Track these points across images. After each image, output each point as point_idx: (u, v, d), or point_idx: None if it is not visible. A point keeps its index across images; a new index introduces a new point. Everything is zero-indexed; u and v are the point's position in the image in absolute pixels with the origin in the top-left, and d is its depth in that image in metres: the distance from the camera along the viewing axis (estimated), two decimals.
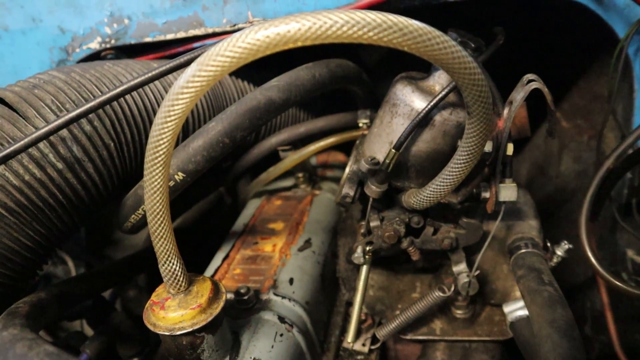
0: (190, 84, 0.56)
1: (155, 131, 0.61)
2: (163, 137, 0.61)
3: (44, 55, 1.16)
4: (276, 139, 1.22)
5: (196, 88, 0.56)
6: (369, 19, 0.50)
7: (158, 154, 0.63)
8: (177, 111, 0.59)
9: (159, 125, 0.61)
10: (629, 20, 0.91)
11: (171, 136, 0.62)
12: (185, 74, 0.56)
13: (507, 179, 0.85)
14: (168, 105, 0.59)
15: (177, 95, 0.57)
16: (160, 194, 0.67)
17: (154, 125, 0.61)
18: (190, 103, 0.58)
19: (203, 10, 1.04)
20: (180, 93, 0.57)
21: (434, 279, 1.15)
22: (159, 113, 0.60)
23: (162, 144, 0.62)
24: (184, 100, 0.58)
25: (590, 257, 0.84)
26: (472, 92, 0.60)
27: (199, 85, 0.56)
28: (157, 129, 0.61)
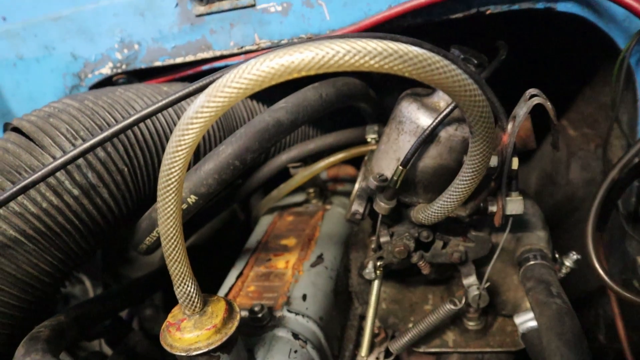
0: (199, 114, 0.58)
1: (167, 160, 0.64)
2: (175, 165, 0.63)
3: (58, 81, 1.20)
4: (286, 156, 1.24)
5: (205, 118, 0.58)
6: (370, 47, 0.52)
7: (170, 181, 0.65)
8: (188, 140, 0.61)
9: (171, 154, 0.63)
10: (629, 32, 0.92)
11: (182, 164, 0.64)
12: (194, 104, 0.59)
13: (513, 192, 0.86)
14: (178, 135, 0.61)
15: (186, 126, 0.59)
16: (174, 219, 0.69)
17: (166, 154, 0.63)
18: (200, 132, 0.60)
19: (211, 33, 1.06)
20: (190, 123, 0.59)
21: (446, 290, 1.16)
22: (170, 142, 0.62)
23: (174, 172, 0.64)
24: (193, 130, 0.60)
25: (598, 268, 0.84)
26: (473, 113, 0.61)
27: (207, 115, 0.58)
28: (168, 157, 0.63)
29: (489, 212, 0.90)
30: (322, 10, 0.99)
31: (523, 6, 0.95)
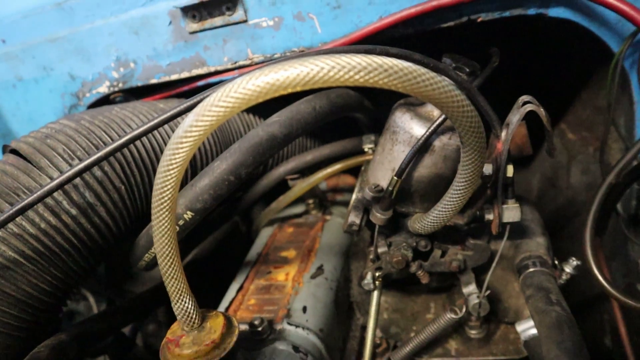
0: (189, 133, 0.59)
1: (159, 179, 0.64)
2: (167, 184, 0.64)
3: (57, 101, 1.21)
4: (284, 169, 1.24)
5: (194, 137, 0.59)
6: (354, 62, 0.52)
7: (163, 199, 0.66)
8: (179, 160, 0.62)
9: (162, 173, 0.63)
10: (621, 35, 0.92)
11: (174, 182, 0.64)
12: (183, 124, 0.59)
13: (509, 199, 0.86)
14: (169, 154, 0.61)
15: (176, 145, 0.60)
16: (169, 236, 0.69)
17: (158, 174, 0.64)
18: (190, 151, 0.61)
19: (204, 50, 1.07)
20: (180, 143, 0.60)
21: (447, 298, 1.15)
22: (161, 162, 0.63)
23: (167, 190, 0.64)
24: (183, 149, 0.60)
25: (596, 274, 0.84)
26: (463, 124, 0.61)
27: (196, 134, 0.58)
28: (160, 177, 0.64)
29: (485, 220, 0.89)
30: (313, 24, 1.00)
31: (514, 13, 0.95)
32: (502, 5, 0.94)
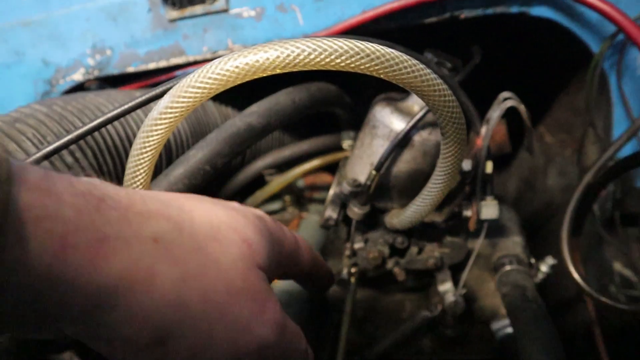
0: (164, 115, 0.57)
1: (132, 162, 0.62)
2: (139, 168, 0.62)
3: (29, 87, 1.17)
4: (262, 163, 1.22)
5: (170, 119, 0.57)
6: (336, 46, 0.51)
7: (135, 184, 0.64)
8: (153, 142, 0.60)
9: (135, 157, 0.61)
10: (602, 36, 0.93)
11: (148, 166, 0.62)
12: (158, 105, 0.57)
13: (488, 196, 0.86)
14: (143, 136, 0.59)
15: (151, 127, 0.58)
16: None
17: (130, 157, 0.62)
18: (165, 134, 0.59)
19: (184, 39, 1.05)
20: (155, 125, 0.58)
21: (423, 297, 1.15)
22: (134, 145, 0.61)
23: (139, 174, 0.63)
24: (158, 132, 0.58)
25: (573, 273, 0.84)
26: (443, 114, 0.61)
27: (172, 116, 0.57)
28: (133, 160, 0.62)
29: (463, 217, 0.89)
30: (295, 15, 0.99)
31: (497, 10, 0.95)
32: (485, 2, 0.94)
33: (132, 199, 0.42)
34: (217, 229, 0.47)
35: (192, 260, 0.43)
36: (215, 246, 0.46)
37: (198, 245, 0.44)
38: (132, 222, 0.40)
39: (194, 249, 0.44)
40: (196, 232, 0.45)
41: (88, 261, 0.36)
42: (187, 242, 0.44)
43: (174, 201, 0.47)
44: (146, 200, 0.44)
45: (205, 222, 0.47)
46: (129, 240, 0.39)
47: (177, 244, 0.43)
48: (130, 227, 0.40)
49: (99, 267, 0.36)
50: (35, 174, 0.35)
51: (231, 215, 0.50)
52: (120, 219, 0.39)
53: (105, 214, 0.38)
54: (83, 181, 0.39)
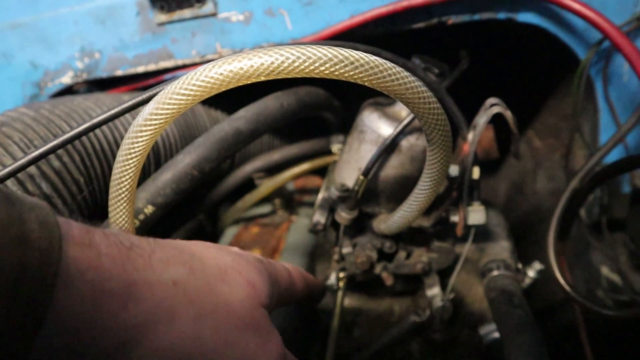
0: (149, 121, 0.57)
1: (118, 168, 0.62)
2: (125, 174, 0.62)
3: (17, 90, 1.17)
4: (251, 167, 1.22)
5: (155, 126, 0.57)
6: (320, 54, 0.51)
7: (121, 190, 0.63)
8: (138, 148, 0.59)
9: (121, 162, 0.61)
10: (588, 43, 0.93)
11: (134, 172, 0.62)
12: (143, 112, 0.57)
13: (475, 202, 0.86)
14: (128, 142, 0.59)
15: (136, 133, 0.58)
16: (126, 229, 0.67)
17: (116, 162, 0.62)
18: (151, 140, 0.59)
19: (172, 42, 1.05)
20: (140, 131, 0.58)
21: (412, 301, 1.15)
22: (120, 150, 0.60)
23: (125, 180, 0.62)
24: (143, 138, 0.58)
25: (558, 277, 0.84)
26: (429, 121, 0.61)
27: (157, 123, 0.57)
28: (119, 166, 0.61)
29: (451, 222, 0.89)
30: (283, 20, 0.99)
31: (484, 16, 0.95)
32: (472, 8, 0.95)
33: (152, 247, 0.49)
34: (225, 272, 0.53)
35: (206, 300, 0.49)
36: (225, 288, 0.52)
37: (210, 287, 0.50)
38: (155, 268, 0.46)
39: (207, 290, 0.50)
40: (207, 276, 0.51)
41: (120, 305, 0.42)
42: (200, 284, 0.50)
43: (186, 248, 0.54)
44: (164, 248, 0.50)
45: (214, 266, 0.53)
46: (153, 284, 0.45)
47: (193, 286, 0.49)
48: (154, 273, 0.46)
49: (129, 309, 0.42)
50: (78, 230, 0.42)
51: (235, 259, 0.57)
52: (145, 266, 0.46)
53: (134, 262, 0.45)
54: (113, 232, 0.46)
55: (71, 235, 0.41)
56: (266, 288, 0.57)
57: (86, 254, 0.41)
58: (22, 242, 0.36)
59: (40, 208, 0.40)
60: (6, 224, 0.35)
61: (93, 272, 0.41)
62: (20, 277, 0.35)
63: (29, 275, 0.35)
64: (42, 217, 0.38)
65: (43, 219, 0.38)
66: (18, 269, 0.35)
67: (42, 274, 0.36)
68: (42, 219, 0.38)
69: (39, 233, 0.37)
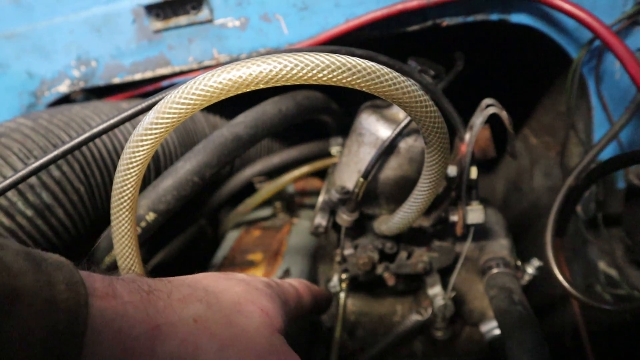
0: (149, 131, 0.57)
1: (119, 177, 0.62)
2: (127, 183, 0.62)
3: (14, 100, 1.17)
4: (251, 171, 1.23)
5: (155, 135, 0.57)
6: (318, 61, 0.52)
7: (123, 199, 0.64)
8: (139, 158, 0.60)
9: (122, 172, 0.62)
10: (580, 42, 0.94)
11: (135, 181, 0.63)
12: (143, 122, 0.58)
13: (473, 201, 0.87)
14: (129, 152, 0.60)
15: (137, 143, 0.58)
16: (129, 237, 0.67)
17: (117, 172, 0.62)
18: (151, 149, 0.59)
19: (169, 49, 1.05)
20: (140, 140, 0.58)
21: (414, 300, 1.16)
22: (121, 160, 0.61)
23: (127, 189, 0.63)
24: (144, 147, 0.59)
25: (557, 274, 0.85)
26: (426, 124, 0.62)
27: (157, 132, 0.57)
28: (120, 176, 0.62)
29: (450, 222, 0.90)
30: (279, 25, 0.99)
31: (478, 18, 0.96)
32: (466, 10, 0.96)
33: (169, 288, 0.52)
34: (239, 303, 0.56)
35: (225, 332, 0.51)
36: (241, 319, 0.54)
37: (227, 320, 0.53)
38: (175, 309, 0.49)
39: (225, 323, 0.52)
40: (224, 309, 0.54)
41: (147, 347, 0.44)
42: (218, 318, 0.52)
43: (198, 283, 0.56)
44: (179, 287, 0.53)
45: (229, 299, 0.55)
46: (176, 324, 0.48)
47: (212, 320, 0.51)
48: (175, 313, 0.49)
49: (157, 352, 0.45)
50: (100, 282, 0.44)
51: (246, 289, 0.59)
52: (166, 308, 0.48)
53: (155, 305, 0.48)
54: (131, 278, 0.49)
55: (95, 288, 0.43)
56: (279, 312, 0.59)
57: (111, 304, 0.43)
58: (51, 306, 0.38)
59: (65, 267, 0.42)
60: (37, 290, 0.38)
61: (120, 320, 0.43)
62: (50, 339, 0.37)
63: (58, 336, 0.37)
64: (68, 277, 0.41)
65: (69, 279, 0.41)
66: (48, 332, 0.37)
67: (71, 333, 0.38)
68: (69, 279, 0.40)
69: (66, 294, 0.39)
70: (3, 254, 0.39)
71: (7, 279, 0.37)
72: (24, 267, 0.39)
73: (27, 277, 0.38)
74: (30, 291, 0.37)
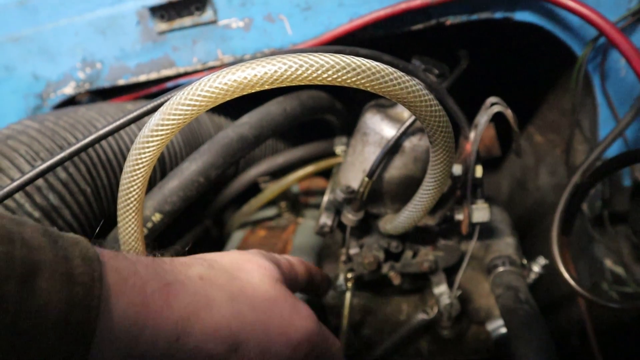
0: (155, 132, 0.58)
1: (125, 179, 0.63)
2: (133, 185, 0.63)
3: (20, 102, 1.18)
4: (256, 171, 1.23)
5: (161, 136, 0.58)
6: (322, 61, 0.52)
7: (130, 200, 0.64)
8: (145, 159, 0.60)
9: (128, 173, 0.62)
10: (584, 40, 0.94)
11: (141, 183, 0.63)
12: (149, 123, 0.58)
13: (478, 200, 0.87)
14: (135, 154, 0.60)
15: (142, 145, 0.59)
16: (135, 238, 0.68)
17: (124, 174, 0.63)
18: (157, 151, 0.60)
19: (173, 50, 1.06)
20: (146, 142, 0.59)
21: (419, 299, 1.16)
22: (127, 162, 0.61)
23: (133, 191, 0.63)
24: (150, 149, 0.59)
25: (563, 272, 0.85)
26: (431, 123, 0.62)
27: (163, 134, 0.57)
28: (126, 177, 0.62)
29: (455, 221, 0.90)
30: (283, 25, 1.00)
31: (482, 16, 0.96)
32: (469, 8, 0.95)
33: (169, 258, 0.56)
34: (237, 262, 0.60)
35: (232, 285, 0.55)
36: (242, 274, 0.58)
37: (231, 276, 0.57)
38: (180, 270, 0.53)
39: (229, 278, 0.56)
40: (225, 268, 0.58)
41: (163, 302, 0.47)
42: (222, 275, 0.56)
43: (193, 257, 0.60)
44: (178, 258, 0.57)
45: (227, 261, 0.59)
46: (184, 281, 0.51)
47: (216, 277, 0.55)
48: (181, 273, 0.52)
49: (172, 305, 0.48)
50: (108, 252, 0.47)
51: (240, 253, 0.63)
52: (173, 269, 0.52)
53: (162, 267, 0.51)
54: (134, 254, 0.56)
55: (103, 254, 0.46)
56: (275, 268, 0.62)
57: (124, 264, 0.46)
58: (69, 279, 0.40)
59: (81, 243, 0.44)
60: (55, 264, 0.40)
61: (133, 277, 0.46)
62: (69, 310, 0.39)
63: (76, 307, 0.39)
64: (83, 252, 0.43)
65: (85, 254, 0.43)
66: (67, 304, 0.39)
67: (87, 305, 0.40)
68: (84, 254, 0.42)
69: (82, 268, 0.41)
70: (22, 230, 0.40)
71: (28, 254, 0.38)
72: (42, 242, 0.40)
73: (45, 252, 0.40)
74: (49, 265, 0.39)
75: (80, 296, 0.40)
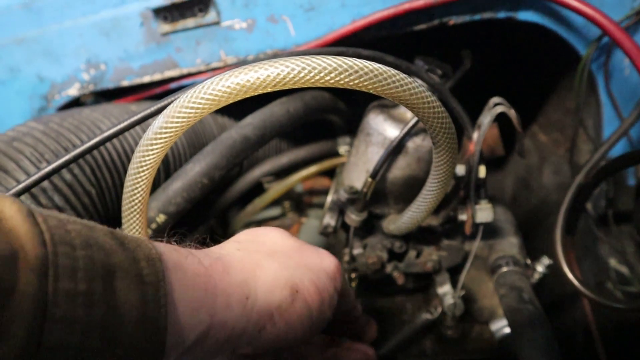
0: (159, 135, 0.58)
1: (130, 181, 0.63)
2: (137, 187, 0.63)
3: (24, 104, 1.18)
4: (260, 171, 1.24)
5: (165, 139, 0.58)
6: (325, 64, 0.52)
7: (134, 202, 0.65)
8: (149, 161, 0.61)
9: (133, 175, 0.62)
10: (588, 39, 0.94)
11: (145, 185, 0.63)
12: (152, 126, 0.58)
13: (482, 200, 0.87)
14: (139, 156, 0.60)
15: (146, 147, 0.59)
16: None
17: (128, 176, 0.63)
18: (161, 153, 0.60)
19: (177, 51, 1.06)
20: (150, 144, 0.59)
21: (423, 299, 1.16)
22: (131, 164, 0.62)
23: (137, 192, 0.64)
24: (154, 151, 0.59)
25: (567, 272, 0.85)
26: (434, 125, 0.62)
27: (167, 136, 0.58)
28: (131, 179, 0.63)
29: (459, 221, 0.90)
30: (286, 26, 1.00)
31: (485, 16, 0.96)
32: (472, 8, 0.95)
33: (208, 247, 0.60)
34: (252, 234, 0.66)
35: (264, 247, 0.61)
36: (264, 238, 0.64)
37: (257, 242, 0.63)
38: (216, 250, 0.58)
39: (258, 244, 0.62)
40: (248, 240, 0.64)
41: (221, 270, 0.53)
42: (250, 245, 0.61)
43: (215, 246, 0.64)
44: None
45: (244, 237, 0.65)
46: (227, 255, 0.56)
47: (247, 247, 0.60)
48: (220, 249, 0.59)
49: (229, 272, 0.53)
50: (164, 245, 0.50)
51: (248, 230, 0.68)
52: (210, 250, 0.57)
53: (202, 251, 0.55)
54: None
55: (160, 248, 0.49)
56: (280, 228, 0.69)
57: (176, 255, 0.49)
58: (140, 279, 0.43)
59: (143, 243, 0.47)
60: (127, 266, 0.42)
61: (189, 259, 0.50)
62: (143, 306, 0.42)
63: (148, 304, 0.42)
64: (147, 254, 0.45)
65: (148, 255, 0.45)
66: (141, 302, 0.42)
67: (157, 301, 0.43)
68: (147, 255, 0.45)
69: (148, 270, 0.44)
70: (96, 235, 0.42)
71: (106, 258, 0.41)
72: (114, 245, 0.43)
73: (118, 255, 0.42)
74: (123, 268, 0.42)
75: (151, 294, 0.43)
